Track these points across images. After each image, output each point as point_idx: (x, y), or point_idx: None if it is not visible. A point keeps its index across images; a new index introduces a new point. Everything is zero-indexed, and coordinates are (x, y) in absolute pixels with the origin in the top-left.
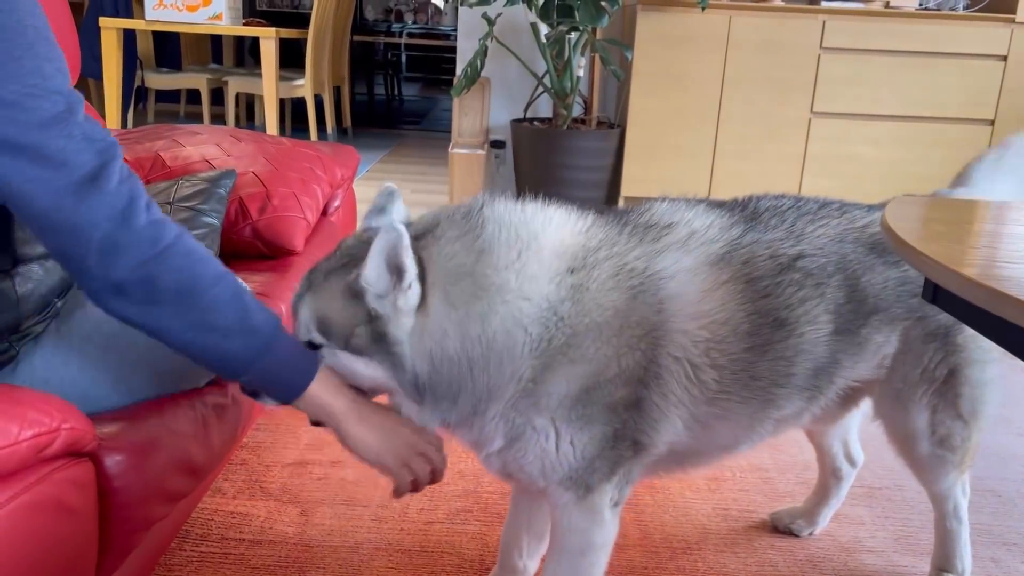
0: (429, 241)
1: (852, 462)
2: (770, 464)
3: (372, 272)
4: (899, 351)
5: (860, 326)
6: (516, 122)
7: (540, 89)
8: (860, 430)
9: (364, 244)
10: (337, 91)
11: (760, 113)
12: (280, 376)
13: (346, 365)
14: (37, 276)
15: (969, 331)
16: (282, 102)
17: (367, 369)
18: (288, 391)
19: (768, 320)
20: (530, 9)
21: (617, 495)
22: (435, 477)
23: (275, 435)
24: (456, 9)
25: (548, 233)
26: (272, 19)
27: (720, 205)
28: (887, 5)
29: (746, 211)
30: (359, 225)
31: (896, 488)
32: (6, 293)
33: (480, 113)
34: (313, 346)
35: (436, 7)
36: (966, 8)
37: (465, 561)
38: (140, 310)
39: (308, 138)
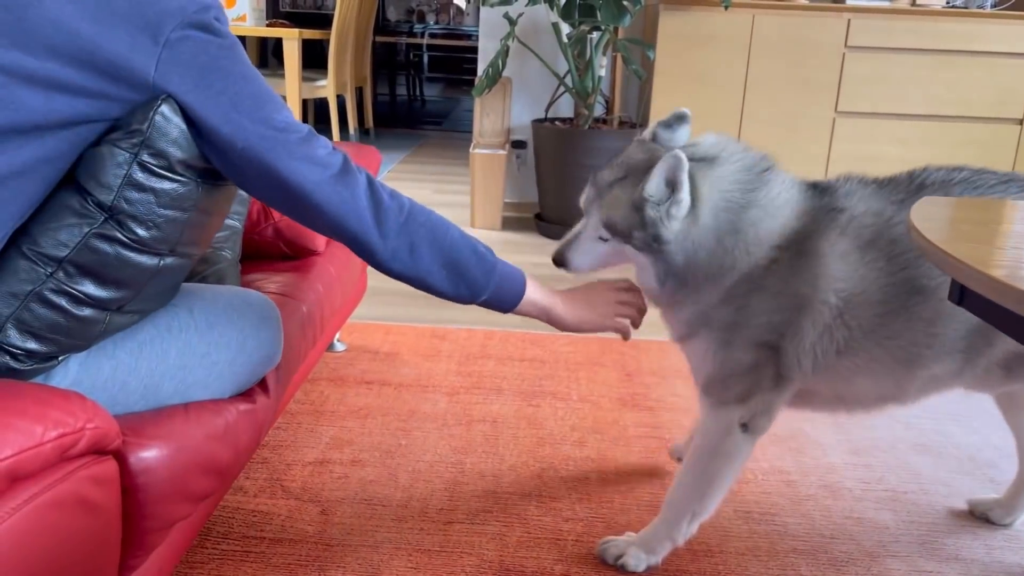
0: (706, 167)
1: None
2: (792, 467)
3: (653, 185)
4: None
5: None
6: (537, 122)
7: (561, 89)
8: (886, 438)
9: (645, 160)
10: (359, 91)
11: (784, 113)
12: (505, 289)
13: (621, 251)
14: (125, 320)
15: None
16: (305, 102)
17: (638, 257)
18: (513, 300)
19: (905, 288)
20: (552, 9)
21: (748, 418)
22: (642, 313)
23: (296, 434)
24: (478, 9)
25: (784, 207)
26: (295, 20)
27: (887, 182)
28: (913, 3)
29: (912, 185)
30: (645, 132)
31: (922, 492)
32: (94, 326)
33: (501, 113)
34: (602, 238)
35: (458, 7)
36: (994, 6)
37: (484, 562)
38: (411, 265)
39: (330, 138)
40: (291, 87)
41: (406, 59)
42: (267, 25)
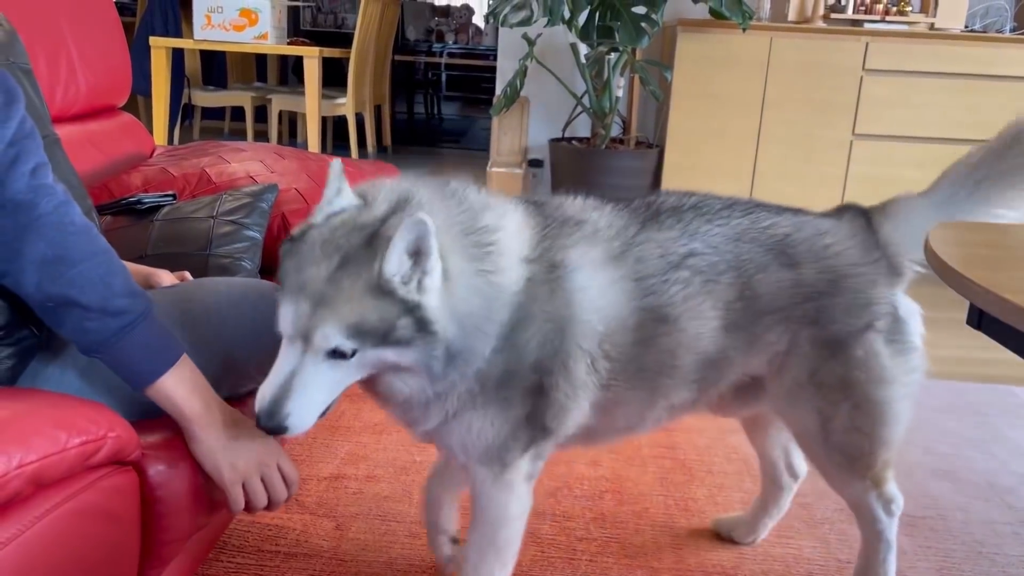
0: (417, 210)
1: (793, 474)
2: (808, 489)
3: (394, 264)
4: (790, 351)
5: (752, 323)
6: (554, 141)
7: (579, 109)
8: (903, 462)
9: (358, 236)
10: (378, 109)
11: (801, 134)
12: (131, 361)
13: (376, 359)
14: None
15: (870, 347)
16: (324, 120)
17: (397, 356)
18: (137, 378)
19: (653, 316)
20: (570, 30)
21: (530, 469)
22: (271, 505)
23: (311, 449)
24: (496, 30)
25: (510, 215)
26: (316, 38)
27: (624, 206)
28: (932, 27)
29: (649, 210)
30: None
31: (939, 518)
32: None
33: (519, 132)
34: (339, 355)
35: (477, 28)
36: (1013, 31)
37: None
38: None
39: (349, 156)
40: (311, 105)
41: (425, 78)
42: (288, 43)
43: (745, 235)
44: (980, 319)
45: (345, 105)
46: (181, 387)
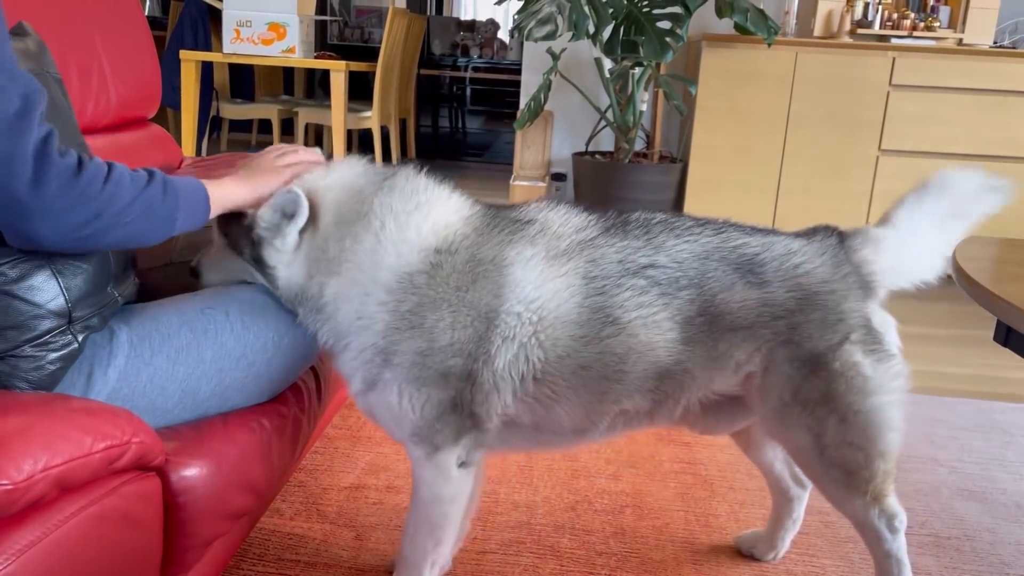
0: (334, 171)
1: (800, 484)
2: (831, 508)
3: (266, 212)
4: (768, 371)
5: (715, 340)
6: (578, 155)
7: (602, 123)
8: (929, 482)
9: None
10: (403, 123)
11: (826, 150)
12: (191, 199)
13: (232, 263)
14: (82, 268)
15: (848, 358)
16: (349, 133)
17: (244, 270)
18: (201, 207)
19: (599, 315)
20: (595, 44)
21: (465, 456)
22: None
23: (332, 459)
24: (521, 44)
25: (436, 210)
26: (343, 52)
27: (594, 213)
28: (960, 43)
29: (618, 219)
30: None
31: (965, 539)
32: (46, 286)
33: (542, 146)
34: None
35: (501, 42)
36: None
37: None
38: (64, 232)
39: None
40: (337, 117)
41: (449, 92)
42: (315, 57)
43: (714, 253)
44: (1007, 336)
45: (371, 118)
46: (214, 187)
